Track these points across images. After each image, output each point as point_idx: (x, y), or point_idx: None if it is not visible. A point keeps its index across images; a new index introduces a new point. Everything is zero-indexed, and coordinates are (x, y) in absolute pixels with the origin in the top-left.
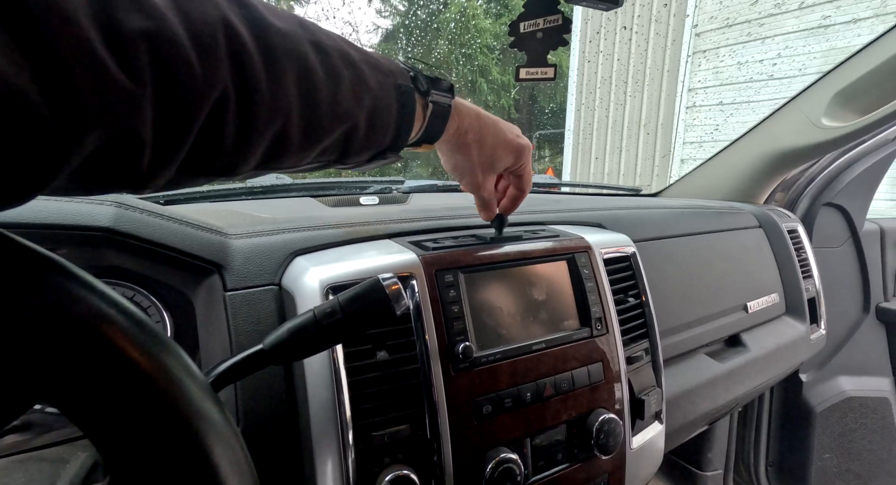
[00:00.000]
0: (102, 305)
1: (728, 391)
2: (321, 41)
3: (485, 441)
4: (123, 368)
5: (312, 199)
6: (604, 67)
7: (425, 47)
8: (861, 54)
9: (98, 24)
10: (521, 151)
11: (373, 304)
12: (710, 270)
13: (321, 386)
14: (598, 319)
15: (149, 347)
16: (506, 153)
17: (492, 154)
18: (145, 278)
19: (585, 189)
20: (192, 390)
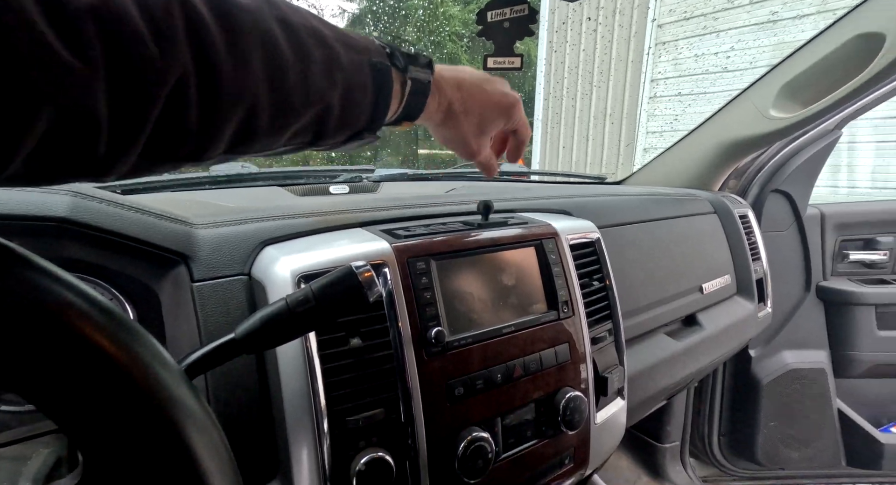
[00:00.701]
0: (67, 294)
1: (685, 367)
2: (288, 18)
3: (457, 422)
4: (91, 356)
5: (280, 188)
6: (570, 57)
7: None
8: (804, 49)
9: (41, 2)
10: (511, 108)
11: (346, 291)
12: (669, 254)
13: (294, 374)
14: (565, 303)
15: (117, 335)
16: (495, 115)
17: (480, 120)
18: (106, 270)
19: (553, 178)
20: (165, 376)
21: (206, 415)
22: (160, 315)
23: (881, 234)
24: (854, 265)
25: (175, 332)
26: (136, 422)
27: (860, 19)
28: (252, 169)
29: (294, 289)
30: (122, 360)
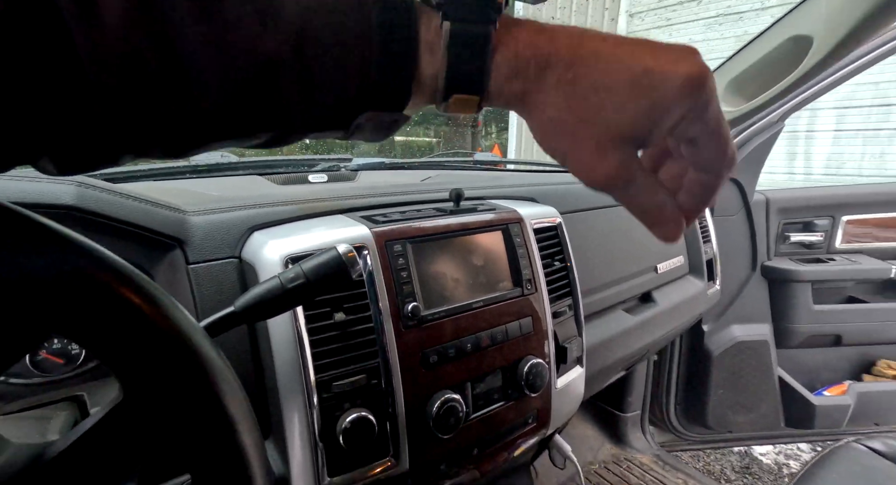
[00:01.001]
0: (115, 265)
1: (640, 339)
2: None
3: (431, 386)
4: (135, 316)
5: (259, 177)
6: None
7: None
8: (747, 48)
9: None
10: (681, 90)
11: (332, 269)
12: (627, 236)
13: (285, 346)
14: (528, 281)
15: (154, 299)
16: (644, 102)
17: (608, 116)
18: None
19: (527, 166)
20: (193, 331)
21: (224, 364)
22: None
23: (818, 217)
24: (794, 246)
25: None
26: (170, 362)
27: (794, 22)
28: (231, 158)
29: (282, 269)
30: (160, 320)
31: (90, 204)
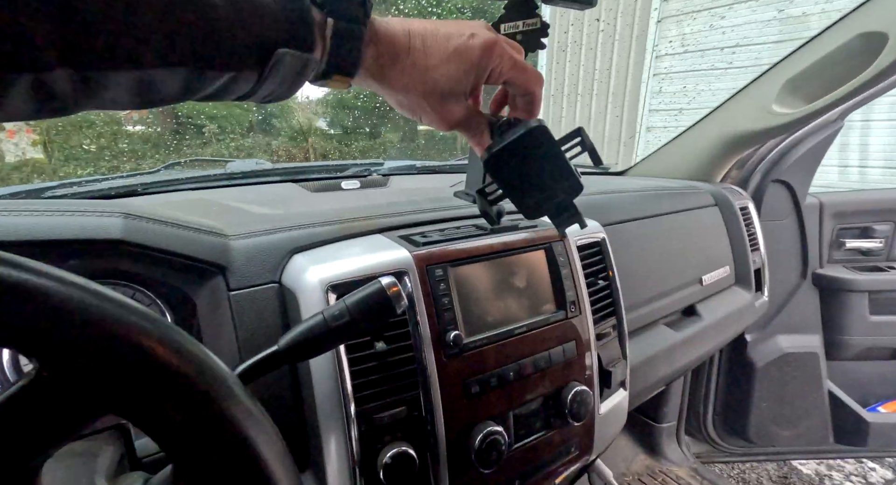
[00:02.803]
0: (141, 322)
1: (684, 356)
2: None
3: (473, 417)
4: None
5: (294, 184)
6: (574, 31)
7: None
8: (808, 46)
9: None
10: (480, 54)
11: (377, 306)
12: (671, 248)
13: (325, 376)
14: (572, 303)
15: (187, 353)
16: (457, 68)
17: (437, 78)
18: (149, 280)
19: None
20: (230, 385)
21: (261, 412)
22: (196, 320)
23: (878, 222)
24: (850, 253)
25: (212, 337)
26: (206, 423)
27: (863, 18)
28: (266, 165)
29: (323, 296)
30: (191, 373)
31: (137, 236)
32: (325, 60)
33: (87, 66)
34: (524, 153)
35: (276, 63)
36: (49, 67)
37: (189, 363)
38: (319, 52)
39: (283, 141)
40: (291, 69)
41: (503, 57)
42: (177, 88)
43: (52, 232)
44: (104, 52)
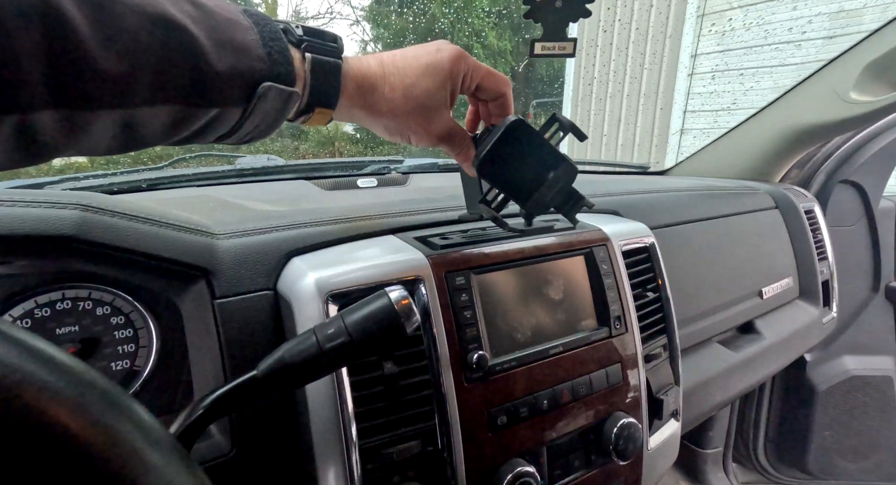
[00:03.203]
0: (24, 363)
1: (742, 380)
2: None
3: (500, 454)
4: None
5: (307, 181)
6: (604, 32)
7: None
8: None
9: None
10: (450, 64)
11: (382, 324)
12: (725, 255)
13: (323, 403)
14: (617, 318)
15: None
16: (433, 81)
17: (417, 95)
18: (126, 283)
19: (594, 167)
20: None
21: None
22: (182, 331)
23: None
24: None
25: (197, 352)
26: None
27: None
28: (278, 162)
29: (322, 307)
30: (98, 442)
31: (93, 233)
32: (307, 94)
33: (76, 105)
34: (510, 150)
35: (261, 97)
36: (36, 108)
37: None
38: (300, 87)
39: (311, 145)
40: (274, 104)
41: (470, 64)
42: (160, 128)
43: (5, 225)
44: (94, 90)
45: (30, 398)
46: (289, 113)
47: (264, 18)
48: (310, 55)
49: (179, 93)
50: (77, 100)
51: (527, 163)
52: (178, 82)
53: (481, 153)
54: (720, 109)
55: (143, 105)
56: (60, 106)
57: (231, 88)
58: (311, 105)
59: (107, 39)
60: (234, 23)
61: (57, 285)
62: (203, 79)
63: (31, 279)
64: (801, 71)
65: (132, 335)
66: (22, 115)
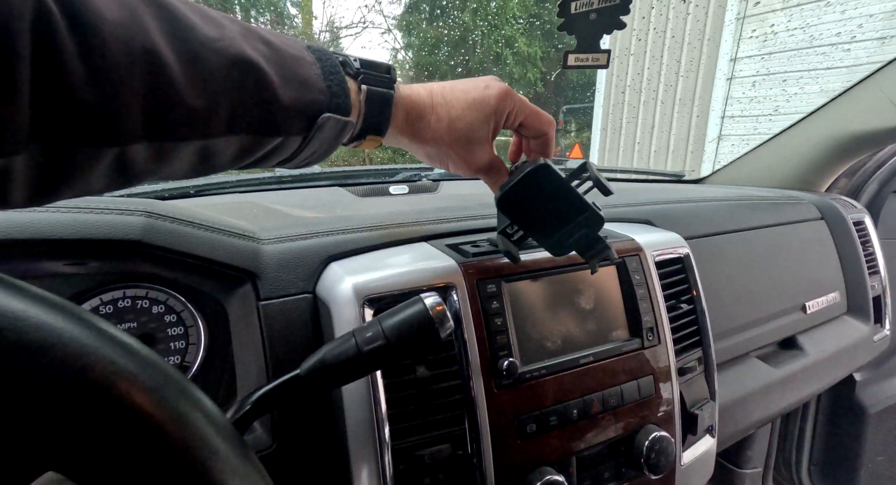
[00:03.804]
0: (116, 356)
1: (783, 398)
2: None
3: (529, 461)
4: (141, 427)
5: (342, 188)
6: (638, 40)
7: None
8: None
9: None
10: (496, 102)
11: (417, 329)
12: (766, 267)
13: (358, 404)
14: (650, 329)
15: (167, 399)
16: (477, 115)
17: (462, 127)
18: (179, 284)
19: (626, 175)
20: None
21: (258, 475)
22: (228, 330)
23: None
24: None
25: (242, 350)
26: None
27: None
28: (314, 169)
29: (358, 311)
30: (169, 424)
31: (157, 238)
32: (361, 122)
33: (165, 137)
34: (532, 192)
35: (320, 127)
36: (133, 141)
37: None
38: (355, 116)
39: (343, 152)
40: (332, 132)
41: (516, 102)
42: (231, 155)
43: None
44: (181, 124)
45: (122, 387)
46: (344, 139)
47: (325, 53)
48: (365, 87)
49: (250, 124)
50: (166, 133)
51: (549, 206)
52: (250, 114)
53: (503, 190)
54: (760, 115)
55: (220, 135)
56: (152, 138)
57: (295, 119)
58: (364, 132)
59: (194, 79)
60: (300, 59)
61: (120, 285)
62: (271, 111)
63: (98, 279)
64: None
65: (183, 333)
66: (121, 148)
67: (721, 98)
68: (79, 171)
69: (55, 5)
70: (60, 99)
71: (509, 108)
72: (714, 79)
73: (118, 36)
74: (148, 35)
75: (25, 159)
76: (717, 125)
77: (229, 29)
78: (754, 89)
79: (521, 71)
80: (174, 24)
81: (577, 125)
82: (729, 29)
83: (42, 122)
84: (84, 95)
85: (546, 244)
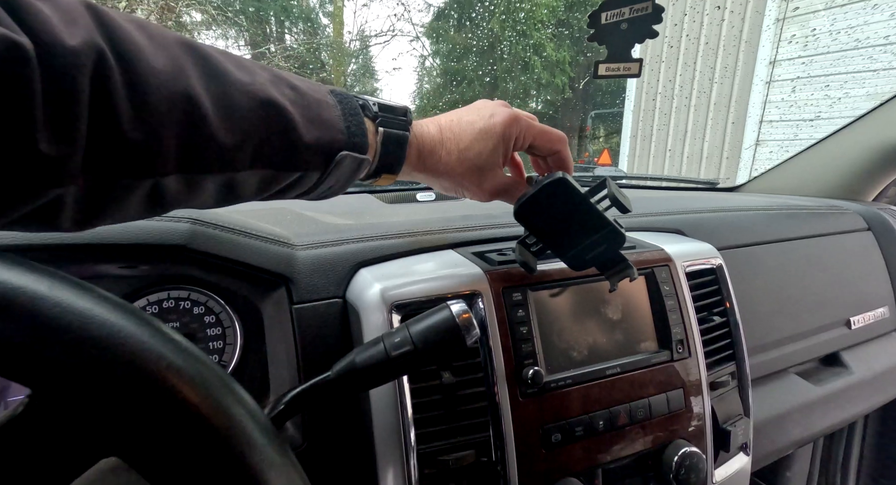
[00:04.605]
0: (166, 352)
1: (825, 418)
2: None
3: (553, 471)
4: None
5: (370, 195)
6: (670, 47)
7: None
8: None
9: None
10: (504, 127)
11: (444, 336)
12: (806, 280)
13: (385, 407)
14: (680, 342)
15: (212, 393)
16: (485, 144)
17: (471, 158)
18: (219, 287)
19: (656, 182)
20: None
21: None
22: (262, 331)
23: None
24: None
25: (275, 351)
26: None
27: None
28: None
29: (386, 317)
30: (214, 418)
31: (201, 243)
32: (377, 162)
33: (195, 170)
34: (550, 204)
35: (338, 164)
36: (167, 173)
37: (217, 407)
38: (371, 155)
39: None
40: (349, 169)
41: (522, 127)
42: (254, 188)
43: (135, 236)
44: (211, 159)
45: (172, 380)
46: (360, 175)
47: (347, 97)
48: (382, 129)
49: (273, 160)
50: (197, 166)
51: (567, 219)
52: (274, 151)
53: (520, 201)
54: (801, 120)
55: (244, 169)
56: (183, 171)
57: (315, 156)
58: (379, 171)
59: (226, 119)
60: (322, 102)
61: (164, 287)
62: (293, 148)
63: (145, 281)
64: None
65: (221, 333)
66: (155, 180)
67: (758, 103)
68: (118, 200)
69: (112, 57)
70: (111, 138)
71: (516, 134)
72: (751, 83)
73: (162, 81)
74: (188, 80)
75: (75, 190)
76: (754, 131)
77: (260, 75)
78: (795, 94)
79: (549, 77)
80: (211, 70)
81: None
82: (767, 33)
83: (93, 157)
84: (131, 135)
85: (565, 258)
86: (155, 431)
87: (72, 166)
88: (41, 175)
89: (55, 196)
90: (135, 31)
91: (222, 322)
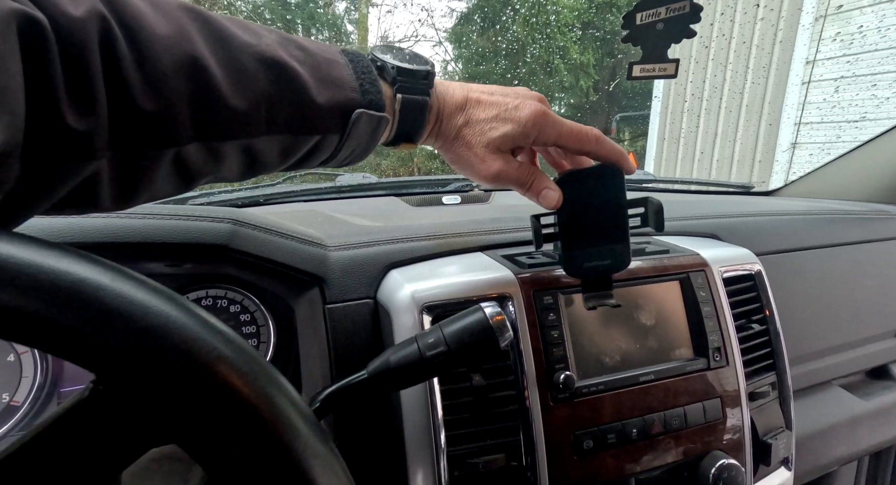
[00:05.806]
0: (218, 345)
1: (873, 434)
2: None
3: (585, 479)
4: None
5: (397, 198)
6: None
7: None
8: None
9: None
10: (527, 119)
11: (478, 338)
12: (851, 288)
13: (416, 409)
14: (717, 349)
15: (259, 383)
16: (506, 128)
17: (488, 129)
18: (255, 286)
19: (686, 186)
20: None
21: (338, 462)
22: (295, 330)
23: None
24: None
25: (308, 349)
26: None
27: None
28: (372, 179)
29: (417, 318)
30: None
31: (241, 243)
32: (395, 130)
33: (212, 137)
34: (592, 187)
35: (355, 123)
36: (186, 141)
37: (264, 397)
38: (390, 113)
39: (391, 162)
40: (367, 128)
41: (547, 127)
42: (275, 155)
43: (179, 236)
44: (225, 124)
45: (222, 370)
46: (380, 137)
47: (358, 55)
48: (400, 95)
49: (288, 123)
50: (213, 133)
51: (595, 214)
52: (287, 114)
53: (570, 171)
54: (844, 121)
55: (260, 135)
56: (201, 139)
57: (330, 117)
58: (397, 140)
59: (235, 83)
60: (333, 61)
61: (203, 285)
62: (306, 110)
63: (187, 279)
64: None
65: (255, 331)
66: (177, 148)
67: (795, 104)
68: (147, 174)
69: (116, 24)
70: (126, 107)
71: (537, 132)
72: (787, 84)
73: (167, 47)
74: (193, 44)
75: (107, 166)
76: (791, 133)
77: (266, 37)
78: (837, 94)
79: (573, 79)
80: (216, 34)
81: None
82: (806, 32)
83: (115, 130)
84: (143, 103)
85: (566, 253)
86: (206, 418)
87: (98, 140)
88: (74, 151)
89: (91, 174)
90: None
91: (257, 321)
